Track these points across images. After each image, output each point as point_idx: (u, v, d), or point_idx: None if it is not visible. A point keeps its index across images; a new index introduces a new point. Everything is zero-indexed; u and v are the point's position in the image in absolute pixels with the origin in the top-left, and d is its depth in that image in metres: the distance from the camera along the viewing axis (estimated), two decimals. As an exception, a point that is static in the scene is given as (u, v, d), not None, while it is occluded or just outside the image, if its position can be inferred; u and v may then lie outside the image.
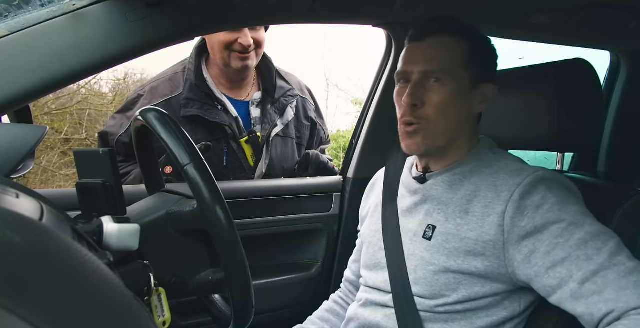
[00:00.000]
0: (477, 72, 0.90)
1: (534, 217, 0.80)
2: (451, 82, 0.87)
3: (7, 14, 0.74)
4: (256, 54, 1.41)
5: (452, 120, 0.89)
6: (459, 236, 0.85)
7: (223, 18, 0.97)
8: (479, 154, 0.92)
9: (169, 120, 0.74)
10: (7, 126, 0.80)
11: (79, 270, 0.34)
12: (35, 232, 0.35)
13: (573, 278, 0.75)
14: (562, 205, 0.80)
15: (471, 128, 0.94)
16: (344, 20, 1.19)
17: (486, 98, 0.92)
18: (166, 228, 0.80)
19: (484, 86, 0.91)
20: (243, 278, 0.72)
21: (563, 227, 0.78)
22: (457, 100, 0.88)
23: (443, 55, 0.88)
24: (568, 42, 1.42)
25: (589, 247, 0.76)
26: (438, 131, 0.88)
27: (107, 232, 0.65)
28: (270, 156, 1.47)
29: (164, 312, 0.75)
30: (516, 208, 0.81)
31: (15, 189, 0.52)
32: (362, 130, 1.47)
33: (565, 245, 0.77)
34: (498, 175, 0.86)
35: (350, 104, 7.09)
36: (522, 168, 0.86)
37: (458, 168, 0.91)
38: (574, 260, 0.76)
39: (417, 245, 0.90)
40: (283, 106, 1.50)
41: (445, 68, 0.87)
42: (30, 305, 0.27)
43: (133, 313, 0.36)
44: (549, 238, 0.78)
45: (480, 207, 0.85)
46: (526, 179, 0.83)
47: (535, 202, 0.80)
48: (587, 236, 0.77)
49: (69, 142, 4.83)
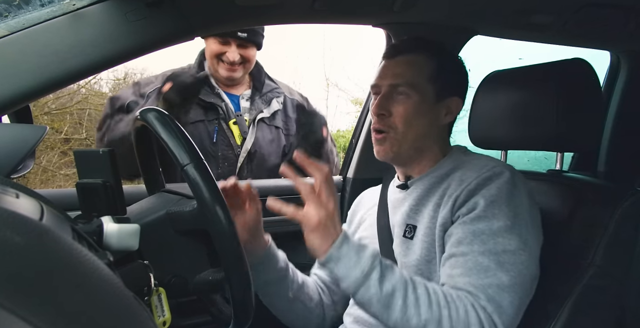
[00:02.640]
0: (441, 87, 0.98)
1: (473, 203, 0.86)
2: (415, 95, 0.96)
3: (7, 14, 0.74)
4: (244, 68, 1.56)
5: (417, 130, 0.97)
6: (434, 228, 0.91)
7: (223, 18, 0.97)
8: (452, 158, 1.00)
9: (169, 120, 0.74)
10: (7, 126, 0.80)
11: (79, 270, 0.34)
12: (35, 232, 0.35)
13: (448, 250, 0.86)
14: (497, 203, 0.85)
15: (441, 138, 1.02)
16: (344, 20, 1.19)
17: (451, 111, 1.00)
18: (166, 228, 0.80)
19: (449, 100, 0.99)
20: (243, 278, 0.72)
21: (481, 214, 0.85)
22: (422, 111, 0.96)
23: (409, 71, 0.97)
24: (568, 42, 1.42)
25: (480, 236, 0.83)
26: (404, 140, 0.97)
27: (107, 232, 0.65)
28: (256, 136, 1.58)
29: (164, 312, 0.75)
30: (466, 196, 0.88)
31: (15, 189, 0.52)
32: (362, 130, 1.47)
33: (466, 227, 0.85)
34: (466, 172, 0.93)
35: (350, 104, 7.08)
36: (486, 164, 0.92)
37: (435, 173, 0.98)
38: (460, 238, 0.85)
39: (400, 246, 0.96)
40: (269, 98, 1.64)
41: (410, 82, 0.96)
42: (30, 305, 0.27)
43: (133, 313, 0.36)
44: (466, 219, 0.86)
45: (447, 199, 0.91)
46: (485, 173, 0.89)
47: (482, 193, 0.87)
48: (486, 229, 0.83)
49: (69, 142, 4.83)
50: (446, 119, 1.00)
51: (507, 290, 0.79)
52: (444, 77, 0.98)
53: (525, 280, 0.82)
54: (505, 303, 0.79)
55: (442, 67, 0.98)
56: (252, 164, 1.58)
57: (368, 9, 1.12)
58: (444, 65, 0.99)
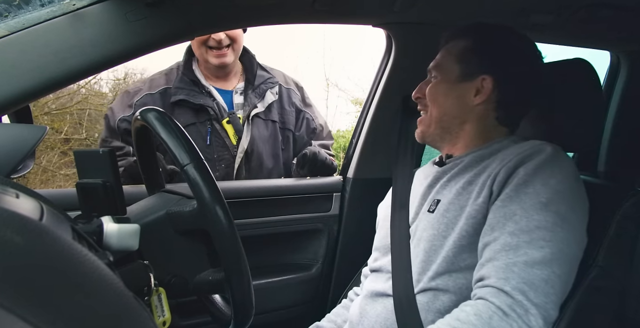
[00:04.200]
0: (468, 66, 0.97)
1: (509, 184, 0.84)
2: (440, 75, 1.00)
3: (7, 14, 0.74)
4: (233, 50, 1.51)
5: (443, 109, 0.98)
6: (459, 205, 0.89)
7: (223, 18, 0.97)
8: (502, 143, 0.96)
9: (168, 120, 0.74)
10: (7, 126, 0.80)
11: (79, 270, 0.34)
12: (35, 232, 0.35)
13: (482, 240, 0.83)
14: (531, 182, 0.82)
15: (479, 121, 0.98)
16: (344, 20, 1.19)
17: (481, 90, 0.96)
18: (166, 228, 0.80)
19: (477, 79, 0.96)
20: (243, 278, 0.72)
21: (512, 194, 0.82)
22: (445, 90, 0.98)
23: (441, 55, 1.02)
24: (568, 42, 1.42)
25: (512, 217, 0.80)
26: (432, 119, 1.00)
27: (107, 232, 0.65)
28: (252, 134, 1.55)
29: (164, 312, 0.75)
30: (505, 173, 0.85)
31: (15, 189, 0.52)
32: (362, 130, 1.47)
33: (498, 210, 0.82)
34: (508, 153, 0.91)
35: (350, 104, 7.09)
36: (530, 143, 0.90)
37: (477, 152, 0.96)
38: (493, 224, 0.82)
39: (423, 221, 0.95)
40: (262, 91, 1.59)
41: (437, 64, 1.01)
42: (30, 305, 0.27)
43: (133, 313, 0.36)
44: (498, 202, 0.83)
45: (484, 178, 0.89)
46: (525, 151, 0.87)
47: (518, 172, 0.84)
48: (518, 209, 0.80)
49: (69, 142, 4.83)
50: (477, 99, 0.96)
51: (537, 266, 0.75)
52: (475, 55, 0.96)
53: (566, 258, 0.77)
54: (537, 278, 0.74)
55: (476, 45, 0.97)
56: (250, 164, 1.55)
57: (368, 9, 1.12)
58: (477, 44, 0.97)
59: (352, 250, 1.47)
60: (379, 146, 1.45)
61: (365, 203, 1.47)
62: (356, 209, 1.49)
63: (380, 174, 1.45)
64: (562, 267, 0.77)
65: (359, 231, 1.47)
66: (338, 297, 1.24)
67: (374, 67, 1.43)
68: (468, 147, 0.99)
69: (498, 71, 0.96)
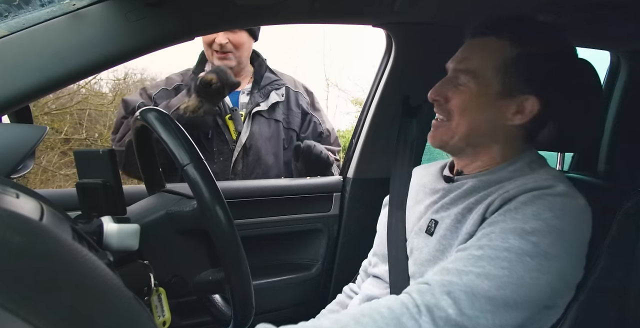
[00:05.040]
0: (513, 81, 0.84)
1: (506, 211, 0.78)
2: (475, 85, 0.85)
3: (7, 14, 0.74)
4: (235, 56, 1.58)
5: (473, 124, 0.86)
6: (456, 232, 0.84)
7: (223, 18, 0.97)
8: (514, 166, 0.88)
9: (169, 120, 0.74)
10: (7, 126, 0.80)
11: (79, 270, 0.34)
12: (36, 232, 0.35)
13: (457, 252, 0.78)
14: (522, 209, 0.76)
15: (508, 142, 0.89)
16: (344, 20, 1.19)
17: (523, 110, 0.85)
18: (166, 228, 0.80)
19: (522, 98, 0.84)
20: (243, 278, 0.72)
21: (498, 218, 0.77)
22: (481, 105, 0.85)
23: (477, 56, 0.87)
24: (568, 42, 1.41)
25: (489, 235, 0.76)
26: (456, 131, 0.88)
27: (107, 232, 0.65)
28: (251, 130, 1.59)
29: (164, 312, 0.75)
30: (499, 202, 0.80)
31: (15, 189, 0.52)
32: (362, 130, 1.47)
33: (480, 232, 0.78)
34: (515, 182, 0.83)
35: (350, 104, 7.09)
36: (538, 176, 0.83)
37: (486, 177, 0.89)
38: (473, 242, 0.77)
39: (420, 240, 0.91)
40: (267, 91, 1.64)
41: (473, 69, 0.86)
42: (29, 305, 0.27)
43: (133, 313, 0.36)
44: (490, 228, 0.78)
45: (483, 207, 0.83)
46: (530, 184, 0.80)
47: (518, 200, 0.78)
48: (496, 229, 0.75)
49: (69, 142, 4.83)
50: (515, 119, 0.85)
51: (486, 281, 0.70)
52: (521, 70, 0.83)
53: (527, 291, 0.71)
54: (476, 290, 0.69)
55: (523, 58, 0.83)
56: (248, 158, 1.58)
57: (368, 9, 1.12)
58: (527, 56, 0.83)
59: (352, 250, 1.47)
60: (379, 146, 1.45)
61: (365, 203, 1.47)
62: (356, 209, 1.49)
63: (380, 174, 1.45)
64: (515, 295, 0.70)
65: (359, 231, 1.47)
66: (338, 297, 1.24)
67: (374, 67, 1.43)
68: (482, 167, 0.91)
69: (548, 92, 0.84)
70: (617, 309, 0.93)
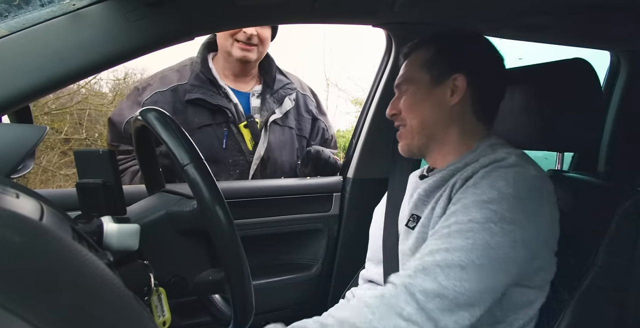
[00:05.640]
0: (439, 69, 0.96)
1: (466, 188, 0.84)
2: (411, 86, 0.99)
3: (7, 14, 0.74)
4: (258, 51, 1.49)
5: (422, 116, 0.97)
6: (434, 221, 0.88)
7: (223, 18, 0.97)
8: (476, 151, 0.95)
9: (169, 120, 0.74)
10: (7, 126, 0.80)
11: (79, 270, 0.34)
12: (35, 232, 0.35)
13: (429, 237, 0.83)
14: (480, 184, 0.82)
15: (460, 122, 0.97)
16: (344, 20, 1.19)
17: (456, 89, 0.96)
18: (166, 228, 0.80)
19: (451, 79, 0.96)
20: (243, 278, 0.72)
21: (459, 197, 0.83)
22: (421, 98, 0.97)
23: (407, 66, 1.02)
24: (568, 42, 1.42)
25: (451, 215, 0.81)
26: (414, 130, 0.98)
27: (107, 232, 0.65)
28: (269, 141, 1.51)
29: (164, 312, 0.75)
30: (461, 183, 0.86)
31: (15, 189, 0.52)
32: (362, 130, 1.47)
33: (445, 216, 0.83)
34: (477, 164, 0.89)
35: (350, 104, 7.08)
36: (495, 154, 0.89)
37: (453, 165, 0.95)
38: (441, 223, 0.82)
39: (402, 234, 0.96)
40: (281, 97, 1.56)
41: (406, 77, 1.00)
42: (29, 305, 0.27)
43: (133, 313, 0.36)
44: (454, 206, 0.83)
45: (448, 190, 0.89)
46: (489, 158, 0.87)
47: (476, 176, 0.84)
48: (464, 218, 0.79)
49: (69, 142, 4.83)
50: (453, 98, 0.95)
51: (457, 253, 0.74)
52: (442, 59, 0.97)
53: (492, 253, 0.75)
54: (452, 263, 0.74)
55: (440, 51, 0.98)
56: (266, 171, 1.51)
57: (368, 9, 1.12)
58: (442, 48, 0.98)
59: (352, 250, 1.47)
60: (379, 146, 1.45)
61: (365, 203, 1.47)
62: (356, 209, 1.49)
63: (380, 174, 1.45)
64: (483, 259, 0.74)
65: (359, 231, 1.46)
66: (338, 297, 1.24)
67: (374, 67, 1.43)
68: (449, 158, 0.98)
69: (468, 67, 0.96)
70: (616, 308, 0.94)
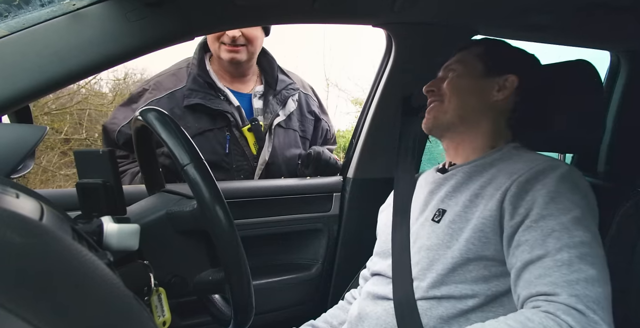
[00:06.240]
0: (493, 63, 0.98)
1: (531, 202, 0.81)
2: (463, 67, 1.00)
3: (7, 14, 0.74)
4: (247, 50, 1.44)
5: (462, 99, 0.97)
6: (466, 217, 0.88)
7: (223, 18, 0.97)
8: (502, 151, 0.96)
9: (169, 120, 0.74)
10: (7, 126, 0.80)
11: (78, 270, 0.34)
12: (35, 232, 0.35)
13: (521, 259, 0.79)
14: (559, 198, 0.81)
15: (492, 120, 0.98)
16: (344, 20, 1.19)
17: (504, 87, 0.97)
18: (166, 228, 0.80)
19: (502, 77, 0.97)
20: (243, 278, 0.72)
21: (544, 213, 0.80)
22: (468, 83, 0.98)
23: (461, 55, 1.03)
24: (568, 42, 1.42)
25: (551, 234, 0.77)
26: (450, 106, 0.98)
27: (107, 232, 0.65)
28: (273, 145, 1.47)
29: (164, 312, 0.75)
30: (519, 189, 0.83)
31: (15, 189, 0.52)
32: (362, 130, 1.47)
33: (533, 230, 0.79)
34: (516, 165, 0.89)
35: (350, 104, 7.09)
36: (537, 158, 0.89)
37: (478, 161, 0.96)
38: (531, 243, 0.78)
39: (426, 228, 0.94)
40: (284, 98, 1.52)
41: (459, 59, 1.02)
42: (29, 305, 0.27)
43: (133, 313, 0.36)
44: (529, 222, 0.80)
45: (491, 190, 0.87)
46: (539, 165, 0.85)
47: (537, 188, 0.82)
48: (556, 225, 0.78)
49: (69, 142, 4.83)
50: (499, 95, 0.97)
51: (597, 284, 0.72)
52: (495, 55, 1.00)
53: (607, 276, 0.75)
54: (601, 297, 0.71)
55: (491, 48, 1.02)
56: (270, 176, 1.49)
57: (368, 9, 1.12)
58: (492, 47, 1.03)
59: (352, 250, 1.47)
60: (379, 146, 1.45)
61: (365, 203, 1.47)
62: (356, 209, 1.49)
63: (380, 174, 1.45)
64: (608, 284, 0.75)
65: (359, 231, 1.47)
66: (338, 297, 1.24)
67: (374, 67, 1.43)
68: (470, 155, 0.99)
69: (523, 73, 0.97)
70: (620, 308, 0.94)
